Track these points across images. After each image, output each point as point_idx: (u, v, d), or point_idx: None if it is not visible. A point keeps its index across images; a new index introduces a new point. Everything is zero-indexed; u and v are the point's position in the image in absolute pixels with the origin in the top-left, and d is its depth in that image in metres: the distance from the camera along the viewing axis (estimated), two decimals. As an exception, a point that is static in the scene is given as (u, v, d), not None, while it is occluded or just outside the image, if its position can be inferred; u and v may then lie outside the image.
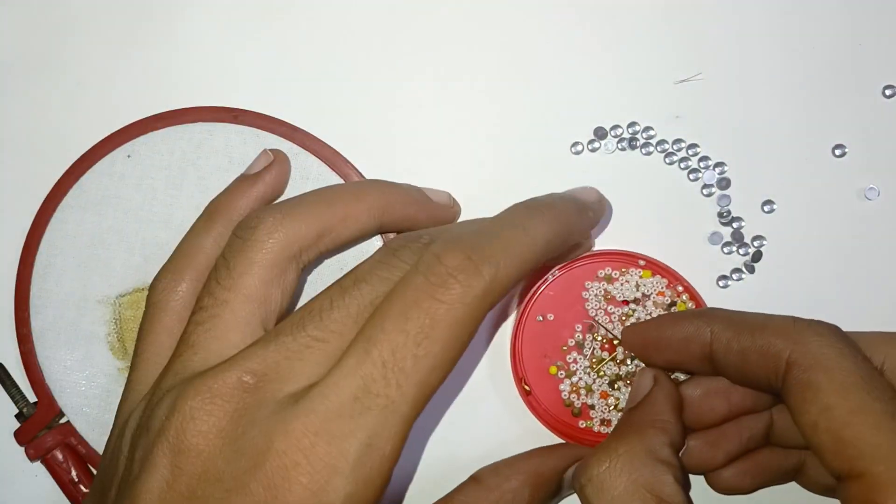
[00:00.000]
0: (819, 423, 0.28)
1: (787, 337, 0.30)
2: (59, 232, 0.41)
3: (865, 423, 0.27)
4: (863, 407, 0.28)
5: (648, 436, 0.33)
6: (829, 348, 0.29)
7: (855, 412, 0.28)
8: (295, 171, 0.40)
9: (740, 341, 0.32)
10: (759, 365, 0.31)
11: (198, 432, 0.28)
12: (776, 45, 0.41)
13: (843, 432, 0.28)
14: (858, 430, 0.27)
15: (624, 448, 0.32)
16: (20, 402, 0.41)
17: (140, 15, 0.43)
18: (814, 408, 0.28)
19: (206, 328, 0.31)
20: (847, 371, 0.29)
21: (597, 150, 0.41)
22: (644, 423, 0.33)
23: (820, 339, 0.30)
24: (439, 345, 0.28)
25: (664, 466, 0.31)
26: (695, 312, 0.35)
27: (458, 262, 0.29)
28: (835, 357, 0.29)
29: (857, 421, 0.27)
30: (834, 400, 0.28)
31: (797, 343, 0.30)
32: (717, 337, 0.33)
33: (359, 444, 0.27)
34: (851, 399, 0.28)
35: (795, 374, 0.30)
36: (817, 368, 0.29)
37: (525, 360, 0.38)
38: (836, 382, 0.28)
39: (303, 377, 0.29)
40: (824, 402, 0.28)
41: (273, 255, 0.32)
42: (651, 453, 0.32)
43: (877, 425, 0.27)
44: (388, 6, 0.42)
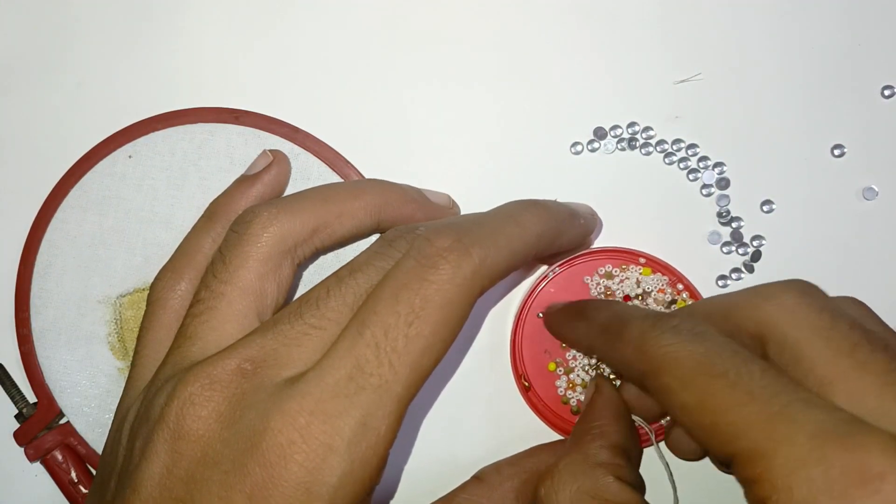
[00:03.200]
0: (685, 423, 0.27)
1: (633, 345, 0.30)
2: (60, 232, 0.41)
3: (716, 406, 0.26)
4: (709, 391, 0.26)
5: (585, 443, 0.33)
6: (668, 346, 0.28)
7: (703, 400, 0.26)
8: (296, 172, 0.40)
9: (608, 352, 0.32)
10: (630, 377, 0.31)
11: (197, 417, 0.28)
12: (775, 45, 0.41)
13: (703, 423, 0.27)
14: (712, 416, 0.26)
15: (564, 462, 0.33)
16: (20, 403, 0.41)
17: (141, 15, 0.43)
18: (674, 412, 0.28)
19: (203, 320, 0.32)
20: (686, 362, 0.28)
21: (596, 150, 0.41)
22: (582, 432, 0.34)
23: (658, 337, 0.29)
24: (430, 325, 0.28)
25: (603, 469, 0.32)
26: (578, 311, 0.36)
27: (449, 243, 0.29)
28: (673, 353, 0.28)
29: (708, 407, 0.26)
30: (683, 397, 0.27)
31: (642, 352, 0.29)
32: (594, 343, 0.33)
33: (354, 422, 0.27)
34: (697, 389, 0.27)
35: (650, 384, 0.29)
36: (662, 372, 0.28)
37: (525, 357, 0.39)
38: (679, 379, 0.27)
39: (300, 362, 0.29)
40: (678, 403, 0.27)
41: (268, 249, 0.33)
42: (588, 459, 0.32)
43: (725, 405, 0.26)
44: (389, 7, 0.42)
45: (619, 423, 0.34)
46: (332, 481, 0.27)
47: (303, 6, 0.42)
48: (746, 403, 0.25)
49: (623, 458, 0.33)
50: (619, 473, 0.32)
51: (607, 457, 0.32)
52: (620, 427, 0.34)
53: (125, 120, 0.41)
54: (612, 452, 0.33)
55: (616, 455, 0.33)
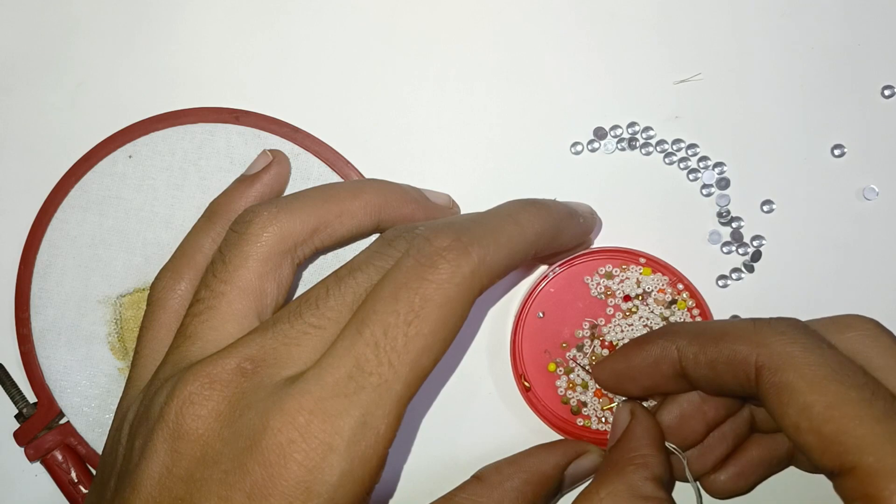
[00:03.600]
0: (801, 424, 0.28)
1: (749, 341, 0.30)
2: (60, 232, 0.41)
3: (845, 415, 0.27)
4: (840, 399, 0.27)
5: (628, 473, 0.33)
6: (794, 345, 0.29)
7: (833, 406, 0.27)
8: (296, 172, 0.40)
9: (706, 353, 0.32)
10: (730, 374, 0.31)
11: (196, 416, 0.28)
12: (775, 45, 0.41)
13: (825, 429, 0.27)
14: (840, 424, 0.27)
15: (606, 490, 0.32)
16: (20, 403, 0.41)
17: (141, 16, 0.43)
18: (792, 410, 0.28)
19: (203, 319, 0.32)
20: (816, 365, 0.28)
21: (596, 150, 0.41)
22: (623, 460, 0.34)
23: (782, 337, 0.29)
24: (429, 324, 0.28)
25: (648, 502, 0.32)
26: (657, 333, 0.35)
27: (448, 242, 0.29)
28: (801, 353, 0.28)
29: (837, 415, 0.27)
30: (810, 398, 0.27)
31: (761, 346, 0.29)
32: (684, 353, 0.33)
33: (353, 421, 0.27)
34: (827, 393, 0.27)
35: (767, 378, 0.29)
36: (786, 369, 0.28)
37: (525, 357, 0.39)
38: (807, 379, 0.28)
39: (300, 362, 0.29)
40: (801, 402, 0.28)
41: (268, 248, 0.33)
42: (633, 492, 0.32)
43: (857, 415, 0.26)
44: (389, 8, 0.42)
45: (661, 453, 0.34)
46: (332, 480, 0.27)
47: (303, 6, 0.42)
48: (881, 421, 0.26)
49: (664, 490, 0.32)
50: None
51: (651, 490, 0.32)
52: (662, 458, 0.34)
53: (125, 120, 0.41)
54: (655, 485, 0.32)
55: (658, 488, 0.32)
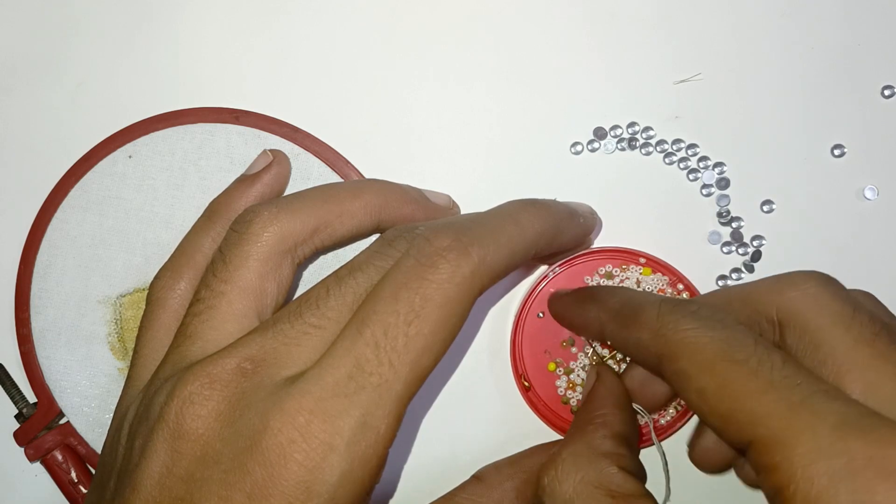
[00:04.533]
0: (702, 409, 0.28)
1: (650, 329, 0.30)
2: (60, 232, 0.41)
3: (734, 392, 0.26)
4: (727, 378, 0.27)
5: (588, 432, 0.33)
6: (686, 331, 0.29)
7: (722, 386, 0.27)
8: (296, 172, 0.40)
9: (621, 335, 0.32)
10: (643, 361, 0.31)
11: (196, 416, 0.28)
12: (775, 45, 0.41)
13: (720, 410, 0.27)
14: (731, 402, 0.26)
15: (567, 451, 0.32)
16: (20, 403, 0.41)
17: (141, 16, 0.43)
18: (691, 396, 0.28)
19: (203, 319, 0.32)
20: (705, 348, 0.28)
21: (596, 150, 0.41)
22: (585, 420, 0.34)
23: (676, 324, 0.29)
24: (430, 324, 0.28)
25: (608, 459, 0.32)
26: (590, 295, 0.35)
27: (448, 242, 0.29)
28: (692, 338, 0.28)
29: (727, 394, 0.27)
30: (702, 382, 0.27)
31: (658, 336, 0.30)
32: (605, 327, 0.33)
33: (353, 421, 0.27)
34: (716, 374, 0.27)
35: (666, 367, 0.29)
36: (679, 356, 0.28)
37: (525, 357, 0.39)
38: (697, 364, 0.28)
39: (300, 362, 0.29)
40: (696, 388, 0.28)
41: (268, 248, 0.33)
42: (593, 449, 0.32)
43: (745, 390, 0.26)
44: (389, 7, 0.42)
45: (622, 412, 0.34)
46: (332, 480, 0.27)
47: (303, 6, 0.42)
48: (767, 391, 0.26)
49: (626, 447, 0.33)
50: (622, 463, 0.32)
51: (611, 446, 0.32)
52: (623, 416, 0.34)
53: (125, 120, 0.41)
54: (615, 442, 0.33)
55: (619, 445, 0.33)
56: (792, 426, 0.25)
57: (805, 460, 0.24)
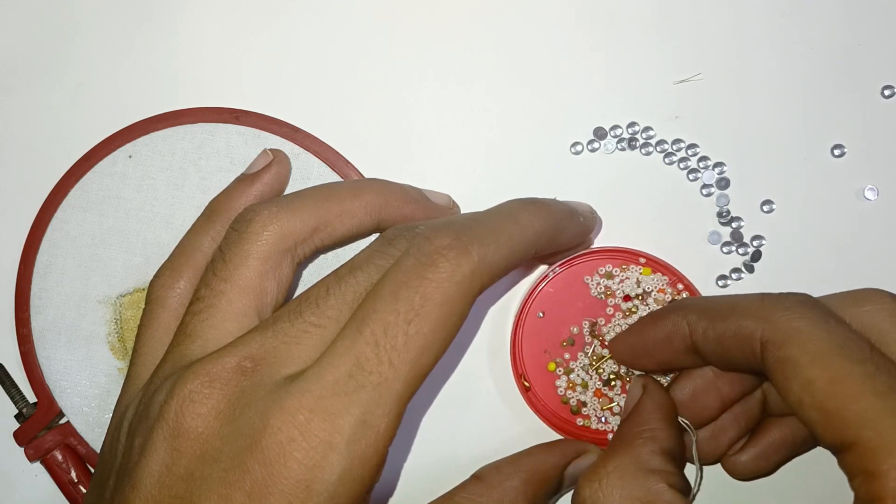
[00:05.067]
0: (804, 400, 0.27)
1: (756, 316, 0.30)
2: (60, 232, 0.41)
3: (847, 390, 0.26)
4: (842, 374, 0.27)
5: (636, 447, 0.33)
6: (800, 320, 0.29)
7: (835, 381, 0.27)
8: (296, 172, 0.40)
9: (715, 329, 0.32)
10: (738, 349, 0.31)
11: (196, 415, 0.28)
12: (775, 45, 0.41)
13: (826, 404, 0.27)
14: (841, 399, 0.26)
15: (613, 464, 0.32)
16: (20, 403, 0.41)
17: (141, 15, 0.43)
18: (795, 385, 0.28)
19: (203, 318, 0.32)
20: (820, 340, 0.28)
21: (596, 150, 0.41)
22: (632, 434, 0.33)
23: (788, 312, 0.29)
24: (430, 323, 0.28)
25: (656, 476, 0.31)
26: (669, 308, 0.35)
27: (448, 241, 0.29)
28: (805, 328, 0.28)
29: (839, 390, 0.26)
30: (812, 373, 0.27)
31: (766, 321, 0.29)
32: (694, 328, 0.33)
33: (353, 420, 0.27)
34: (829, 368, 0.27)
35: (771, 353, 0.29)
36: (790, 343, 0.28)
37: (525, 357, 0.39)
38: (810, 354, 0.28)
39: (300, 360, 0.29)
40: (804, 377, 0.27)
41: (268, 247, 0.33)
42: (640, 465, 0.32)
43: (859, 390, 0.26)
44: (389, 8, 0.42)
45: (671, 427, 0.34)
46: (332, 479, 0.27)
47: (303, 6, 0.43)
48: (882, 397, 0.26)
49: (673, 464, 0.32)
50: (670, 481, 0.31)
51: (659, 463, 0.32)
52: (671, 432, 0.34)
53: (125, 120, 0.41)
54: (663, 459, 0.32)
55: (667, 461, 0.32)
56: None
57: None
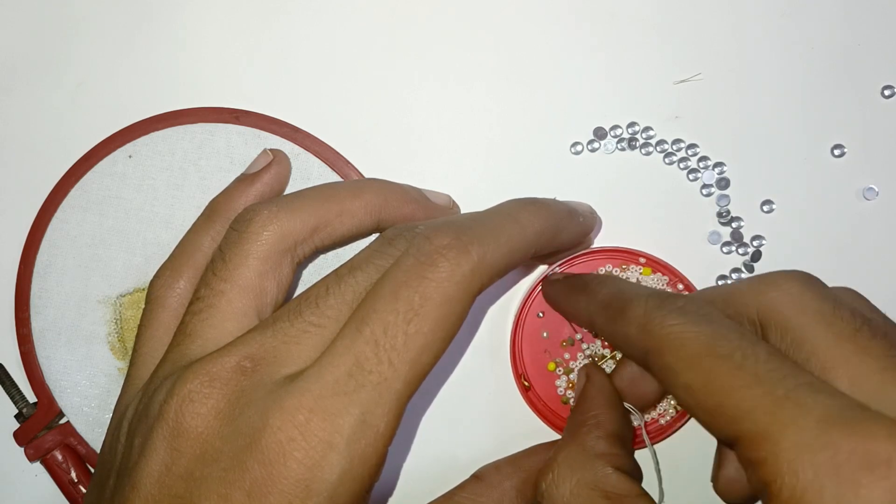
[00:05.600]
0: (689, 404, 0.27)
1: (637, 325, 0.30)
2: (60, 232, 0.41)
3: (720, 387, 0.26)
4: (713, 373, 0.27)
5: (582, 434, 0.33)
6: (672, 326, 0.28)
7: (708, 382, 0.27)
8: (296, 172, 0.40)
9: (610, 329, 0.32)
10: (632, 355, 0.31)
11: (196, 414, 0.28)
12: (775, 45, 0.41)
13: (707, 405, 0.27)
14: (717, 398, 0.26)
15: (562, 454, 0.32)
16: (20, 403, 0.41)
17: (141, 15, 0.43)
18: (678, 391, 0.28)
19: (203, 318, 0.32)
20: (690, 343, 0.28)
21: (596, 150, 0.41)
22: (578, 423, 0.34)
23: (663, 319, 0.29)
24: (429, 323, 0.28)
25: (602, 459, 0.32)
26: (581, 285, 0.35)
27: (448, 241, 0.29)
28: (677, 333, 0.28)
29: (714, 389, 0.26)
30: (688, 378, 0.27)
31: (646, 331, 0.29)
32: (595, 320, 0.33)
33: (353, 420, 0.27)
34: (701, 370, 0.27)
35: (653, 363, 0.29)
36: (666, 351, 0.28)
37: (525, 356, 0.39)
38: (683, 359, 0.28)
39: (300, 360, 0.29)
40: (682, 383, 0.27)
41: (268, 247, 0.33)
42: (587, 451, 0.32)
43: (730, 385, 0.26)
44: (389, 8, 0.42)
45: (613, 411, 0.34)
46: (332, 478, 0.27)
47: (303, 6, 0.43)
48: (752, 386, 0.26)
49: (619, 446, 0.33)
50: (616, 463, 0.32)
51: (604, 447, 0.32)
52: (615, 415, 0.34)
53: (125, 120, 0.41)
54: (608, 442, 0.33)
55: (613, 444, 0.33)
56: (777, 420, 0.24)
57: (790, 454, 0.24)
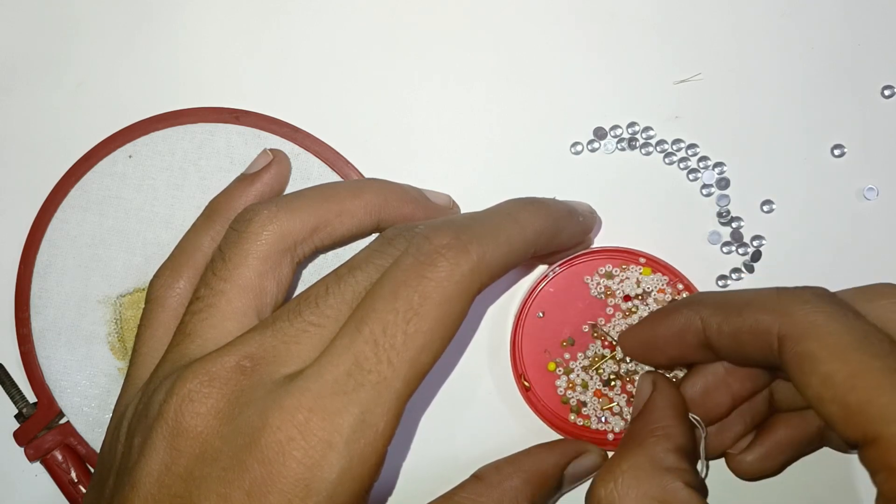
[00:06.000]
0: (823, 395, 0.27)
1: (772, 311, 0.29)
2: (60, 232, 0.41)
3: (868, 384, 0.26)
4: (862, 368, 0.26)
5: (650, 445, 0.32)
6: (817, 314, 0.28)
7: (855, 375, 0.26)
8: (296, 172, 0.40)
9: (730, 323, 0.31)
10: (754, 345, 0.30)
11: (195, 414, 0.28)
12: (775, 45, 0.41)
13: (847, 399, 0.26)
14: (862, 393, 0.26)
15: (627, 463, 0.31)
16: (20, 403, 0.41)
17: (141, 15, 0.43)
18: (814, 379, 0.27)
19: (203, 317, 0.32)
20: (839, 334, 0.27)
21: (596, 150, 0.41)
22: (645, 432, 0.33)
23: (805, 306, 0.29)
24: (429, 322, 0.28)
25: (671, 474, 0.31)
26: (682, 302, 0.35)
27: (447, 240, 0.29)
28: (824, 322, 0.28)
29: (860, 384, 0.26)
30: (832, 367, 0.27)
31: (784, 315, 0.29)
32: (708, 323, 0.32)
33: (352, 419, 0.27)
34: (849, 362, 0.27)
35: (789, 348, 0.28)
36: (808, 338, 0.28)
37: (525, 357, 0.39)
38: (829, 348, 0.27)
39: (299, 359, 0.29)
40: (823, 372, 0.27)
41: (268, 246, 0.33)
42: (655, 463, 0.31)
43: (880, 384, 0.26)
44: (389, 8, 0.42)
45: (683, 424, 0.33)
46: (331, 478, 0.27)
47: (303, 6, 0.43)
48: None
49: (688, 462, 0.32)
50: (686, 479, 0.31)
51: (674, 461, 0.31)
52: (685, 429, 0.33)
53: (125, 120, 0.41)
54: (678, 456, 0.32)
55: (682, 459, 0.32)
56: None
57: None
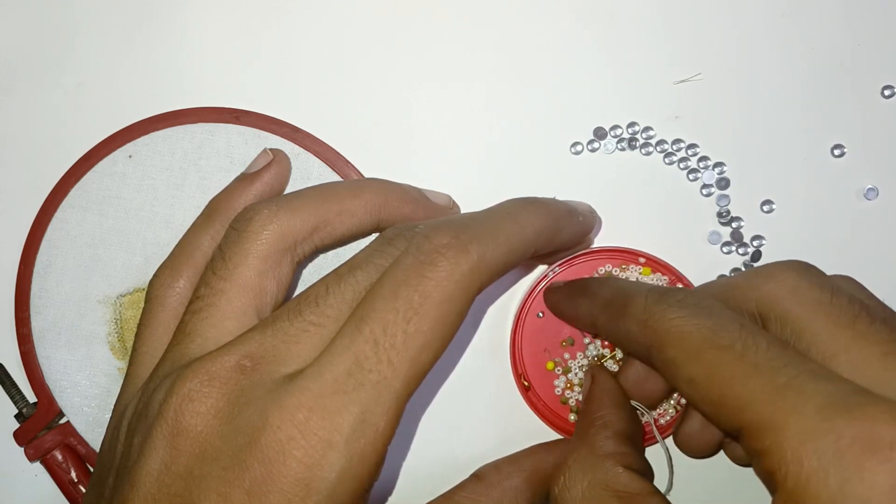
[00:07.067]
0: (692, 397, 0.28)
1: (638, 321, 0.30)
2: (60, 232, 0.41)
3: (722, 379, 0.26)
4: (715, 364, 0.27)
5: (591, 436, 0.33)
6: (673, 320, 0.29)
7: (711, 374, 0.27)
8: (296, 172, 0.40)
9: (612, 328, 0.32)
10: (635, 353, 0.31)
11: (195, 413, 0.28)
12: (775, 45, 0.41)
13: (711, 397, 0.27)
14: (720, 389, 0.27)
15: (573, 457, 0.33)
16: (20, 403, 0.41)
17: (142, 15, 0.43)
18: (681, 385, 0.28)
19: (203, 317, 0.32)
20: (692, 335, 0.28)
21: (596, 150, 0.41)
22: (585, 425, 0.34)
23: (664, 314, 0.29)
24: (429, 321, 0.28)
25: (611, 459, 0.32)
26: (581, 288, 0.36)
27: (447, 240, 0.29)
28: (678, 327, 0.29)
29: (716, 381, 0.27)
30: (691, 371, 0.27)
31: (647, 326, 0.30)
32: (597, 321, 0.33)
33: (352, 418, 0.27)
34: (704, 362, 0.27)
35: (656, 358, 0.29)
36: (668, 346, 0.29)
37: (525, 356, 0.39)
38: (685, 353, 0.28)
39: (299, 359, 0.29)
40: (685, 377, 0.28)
41: (268, 246, 0.33)
42: (596, 451, 0.33)
43: (731, 376, 0.26)
44: (390, 8, 0.42)
45: (620, 410, 0.34)
46: (331, 477, 0.27)
47: (303, 6, 0.43)
48: (753, 376, 0.26)
49: (628, 445, 0.33)
50: (626, 462, 0.32)
51: (613, 447, 0.33)
52: (622, 414, 0.34)
53: (125, 119, 0.41)
54: (617, 441, 0.33)
55: (621, 443, 0.33)
56: (779, 409, 0.25)
57: (793, 442, 0.24)
